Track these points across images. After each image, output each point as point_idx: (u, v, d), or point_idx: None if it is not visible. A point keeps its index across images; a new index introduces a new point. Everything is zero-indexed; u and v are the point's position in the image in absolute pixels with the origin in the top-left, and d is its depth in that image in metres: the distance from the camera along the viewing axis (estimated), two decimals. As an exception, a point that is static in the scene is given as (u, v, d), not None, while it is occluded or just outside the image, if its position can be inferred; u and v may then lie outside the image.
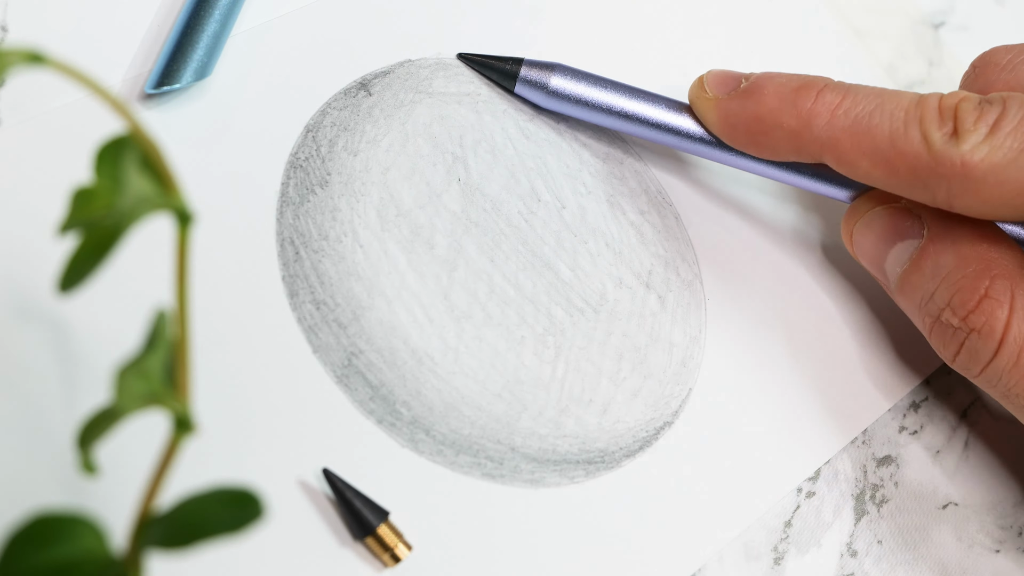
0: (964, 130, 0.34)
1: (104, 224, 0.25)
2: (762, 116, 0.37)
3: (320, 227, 0.36)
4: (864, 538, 0.38)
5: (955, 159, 0.34)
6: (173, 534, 0.25)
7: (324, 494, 0.33)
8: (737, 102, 0.37)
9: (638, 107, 0.39)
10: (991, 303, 0.35)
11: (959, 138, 0.34)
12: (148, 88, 0.36)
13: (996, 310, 0.35)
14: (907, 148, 0.34)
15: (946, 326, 0.36)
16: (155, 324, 0.26)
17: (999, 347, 0.35)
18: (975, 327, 0.35)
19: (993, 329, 0.35)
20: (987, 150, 0.33)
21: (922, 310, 0.36)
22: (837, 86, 0.36)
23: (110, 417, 0.26)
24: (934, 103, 0.35)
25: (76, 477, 0.31)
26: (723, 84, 0.38)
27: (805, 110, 0.36)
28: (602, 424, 0.37)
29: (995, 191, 0.33)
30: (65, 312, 0.33)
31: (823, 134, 0.36)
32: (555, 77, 0.39)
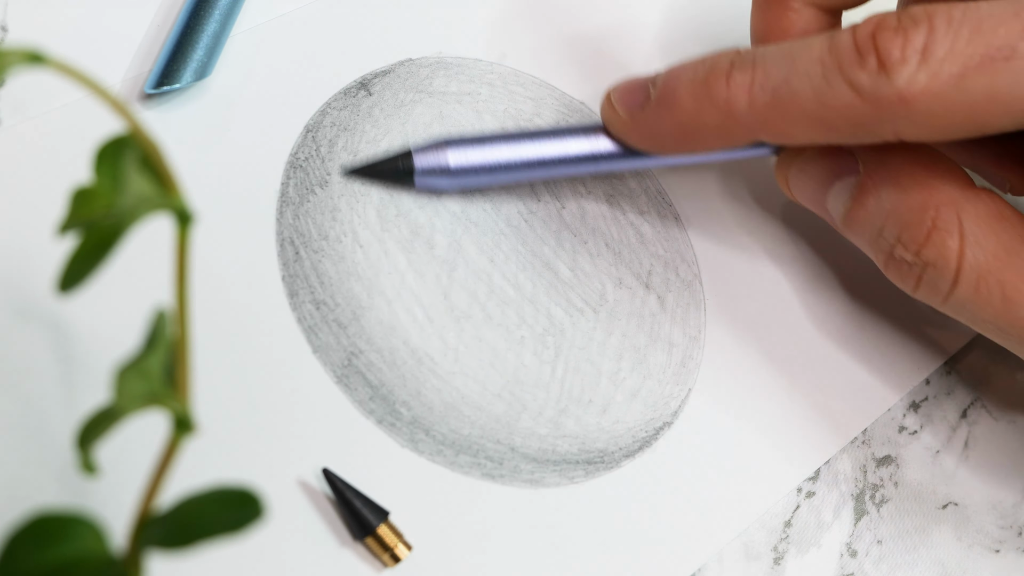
0: (892, 63, 0.31)
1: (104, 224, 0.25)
2: (683, 122, 0.35)
3: (320, 227, 0.36)
4: (864, 538, 0.38)
5: (892, 96, 0.31)
6: (173, 534, 0.25)
7: (324, 494, 0.33)
8: (653, 115, 0.35)
9: (557, 147, 0.37)
10: (940, 234, 0.34)
11: (889, 73, 0.31)
12: (148, 88, 0.36)
13: (947, 240, 0.34)
14: (837, 103, 0.32)
15: (900, 261, 0.35)
16: (155, 324, 0.26)
17: (956, 277, 0.34)
18: (929, 261, 0.34)
19: (947, 260, 0.34)
20: (925, 78, 0.31)
21: (873, 246, 0.36)
22: (744, 61, 0.34)
23: (110, 417, 0.26)
24: (847, 43, 0.32)
25: (76, 477, 0.31)
26: (631, 98, 0.36)
27: (723, 100, 0.34)
28: (602, 424, 0.37)
29: (943, 119, 0.32)
30: (65, 312, 0.33)
31: (748, 119, 0.34)
32: (452, 153, 0.36)
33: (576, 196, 0.39)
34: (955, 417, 0.41)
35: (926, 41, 0.31)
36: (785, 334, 0.40)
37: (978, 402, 0.41)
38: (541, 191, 0.39)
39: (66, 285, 0.27)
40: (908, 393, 0.40)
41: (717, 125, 0.34)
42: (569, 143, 0.37)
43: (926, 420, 0.40)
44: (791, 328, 0.40)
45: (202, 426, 0.31)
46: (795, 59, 0.33)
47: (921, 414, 0.40)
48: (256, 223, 0.36)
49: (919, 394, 0.41)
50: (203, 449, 0.31)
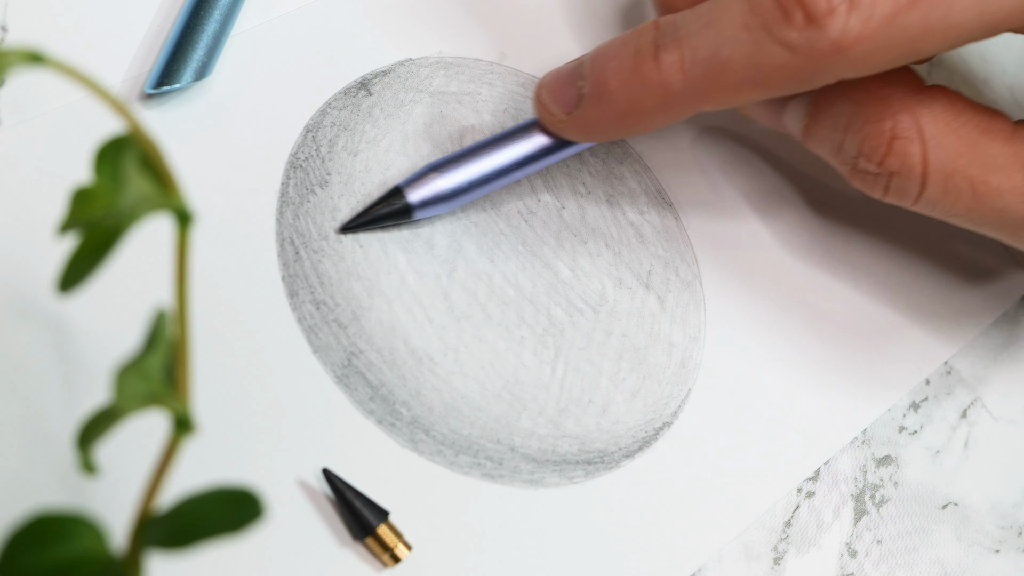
0: (820, 15, 0.31)
1: (104, 224, 0.25)
2: (623, 113, 0.34)
3: (320, 227, 0.36)
4: (864, 538, 0.38)
5: (827, 48, 0.31)
6: (173, 534, 0.25)
7: (324, 494, 0.33)
8: (591, 111, 0.35)
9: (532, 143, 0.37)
10: (902, 143, 0.34)
11: (820, 26, 0.31)
12: (148, 88, 0.36)
13: (908, 148, 0.34)
14: (773, 64, 0.32)
15: (865, 173, 0.35)
16: (155, 324, 0.26)
17: (924, 180, 0.34)
18: (893, 170, 0.34)
19: (912, 167, 0.34)
20: (858, 24, 0.31)
21: (836, 160, 0.35)
22: (667, 37, 0.33)
23: (110, 417, 0.26)
24: (766, 1, 0.31)
25: (76, 477, 0.31)
26: (563, 95, 0.36)
27: (657, 84, 0.33)
28: (601, 424, 0.37)
29: (880, 58, 0.31)
30: (65, 312, 0.33)
31: (686, 96, 0.33)
32: (439, 179, 0.36)
33: (576, 196, 0.39)
34: (955, 417, 0.41)
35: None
36: (785, 334, 0.40)
37: (978, 402, 0.41)
38: (541, 191, 0.39)
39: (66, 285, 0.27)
40: (908, 393, 0.40)
41: (656, 107, 0.34)
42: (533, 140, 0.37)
43: (926, 420, 0.40)
44: (791, 328, 0.40)
45: (202, 426, 0.31)
46: (718, 27, 0.32)
47: (921, 414, 0.40)
48: (256, 223, 0.36)
49: (919, 394, 0.41)
50: (203, 449, 0.31)
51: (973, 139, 0.34)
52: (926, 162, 0.34)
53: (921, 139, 0.34)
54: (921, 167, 0.34)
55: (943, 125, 0.34)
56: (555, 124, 0.36)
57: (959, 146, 0.34)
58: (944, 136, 0.34)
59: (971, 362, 0.42)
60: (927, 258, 0.42)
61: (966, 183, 0.34)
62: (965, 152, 0.34)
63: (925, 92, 0.34)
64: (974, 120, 0.34)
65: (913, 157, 0.34)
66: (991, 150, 0.34)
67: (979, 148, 0.34)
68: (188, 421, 0.25)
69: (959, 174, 0.34)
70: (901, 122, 0.34)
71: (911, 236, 0.42)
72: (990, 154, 0.34)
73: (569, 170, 0.40)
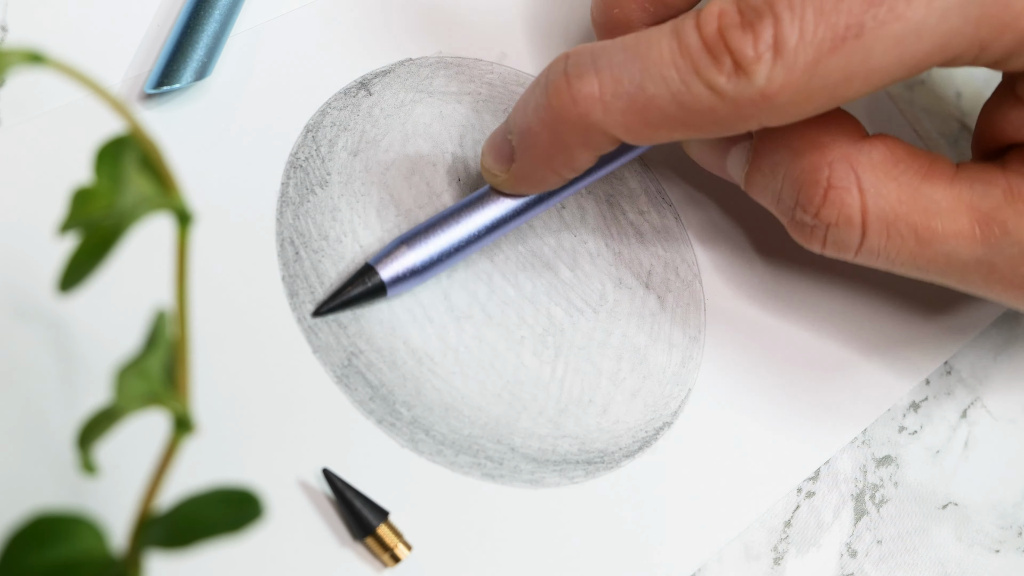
0: (748, 63, 0.31)
1: (104, 224, 0.26)
2: (549, 154, 0.34)
3: (320, 227, 0.36)
4: (864, 538, 0.38)
5: (754, 96, 0.31)
6: (173, 534, 0.25)
7: (324, 494, 0.33)
8: (523, 161, 0.35)
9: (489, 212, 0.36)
10: (838, 192, 0.33)
11: (747, 74, 0.31)
12: (148, 88, 0.36)
13: (845, 198, 0.33)
14: (699, 105, 0.31)
15: (803, 224, 0.34)
16: (155, 324, 0.26)
17: (864, 230, 0.34)
18: (830, 221, 0.34)
19: (850, 217, 0.34)
20: (782, 73, 0.30)
21: (776, 209, 0.35)
22: (583, 68, 0.32)
23: (110, 417, 0.26)
24: (695, 43, 0.31)
25: (76, 477, 0.31)
26: (499, 153, 0.35)
27: (575, 116, 0.32)
28: (601, 424, 0.37)
29: (803, 106, 0.31)
30: (65, 312, 0.33)
31: (607, 128, 0.32)
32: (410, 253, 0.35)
33: (576, 196, 0.39)
34: (955, 417, 0.41)
35: (774, 33, 0.30)
36: (785, 334, 0.40)
37: (978, 402, 0.41)
38: (541, 191, 0.39)
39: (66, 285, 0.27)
40: (908, 393, 0.40)
41: (580, 141, 0.33)
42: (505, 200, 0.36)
43: (926, 420, 0.40)
44: (791, 328, 0.40)
45: (202, 426, 0.31)
46: (644, 60, 0.32)
47: (921, 414, 0.40)
48: (256, 223, 0.36)
49: (919, 394, 0.41)
50: (203, 449, 0.31)
51: (914, 185, 0.34)
52: (865, 211, 0.33)
53: (859, 188, 0.33)
54: (860, 216, 0.33)
55: (882, 173, 0.33)
56: (498, 184, 0.36)
57: (900, 193, 0.33)
58: (883, 184, 0.33)
59: (971, 362, 0.42)
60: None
61: (909, 230, 0.34)
62: (906, 199, 0.33)
63: (864, 141, 0.34)
64: (914, 166, 0.34)
65: (850, 207, 0.33)
66: (933, 195, 0.34)
67: (920, 194, 0.33)
68: (188, 421, 0.25)
69: (900, 221, 0.33)
70: (837, 171, 0.33)
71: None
72: (932, 199, 0.33)
73: (569, 170, 0.40)
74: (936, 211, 0.34)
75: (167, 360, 0.26)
